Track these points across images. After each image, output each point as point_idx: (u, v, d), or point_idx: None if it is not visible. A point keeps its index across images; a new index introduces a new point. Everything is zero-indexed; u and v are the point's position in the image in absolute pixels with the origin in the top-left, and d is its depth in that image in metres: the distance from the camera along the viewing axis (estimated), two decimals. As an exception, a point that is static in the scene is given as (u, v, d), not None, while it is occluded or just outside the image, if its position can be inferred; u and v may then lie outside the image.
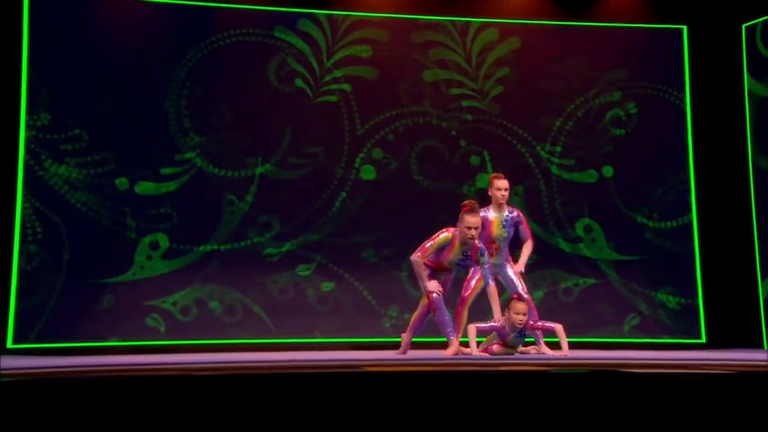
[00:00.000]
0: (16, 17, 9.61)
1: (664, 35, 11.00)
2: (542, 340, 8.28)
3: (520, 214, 8.46)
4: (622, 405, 5.24)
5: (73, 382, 5.69)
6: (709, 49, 10.82)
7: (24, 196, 9.58)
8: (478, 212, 7.86)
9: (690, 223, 10.78)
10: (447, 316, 7.89)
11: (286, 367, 7.40)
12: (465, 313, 8.19)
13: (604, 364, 6.51)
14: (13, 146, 9.58)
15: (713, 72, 10.79)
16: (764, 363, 6.56)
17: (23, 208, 9.56)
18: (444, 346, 7.96)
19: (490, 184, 8.46)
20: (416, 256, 7.94)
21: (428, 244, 7.93)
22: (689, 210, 10.79)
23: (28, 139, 9.64)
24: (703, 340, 10.60)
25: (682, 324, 10.65)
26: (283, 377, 5.82)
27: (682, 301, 10.66)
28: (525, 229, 8.48)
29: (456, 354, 7.83)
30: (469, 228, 7.75)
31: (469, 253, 7.88)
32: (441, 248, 7.88)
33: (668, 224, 10.78)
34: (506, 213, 8.37)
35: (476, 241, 7.84)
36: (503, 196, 8.33)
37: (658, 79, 10.90)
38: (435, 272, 7.99)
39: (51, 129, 9.71)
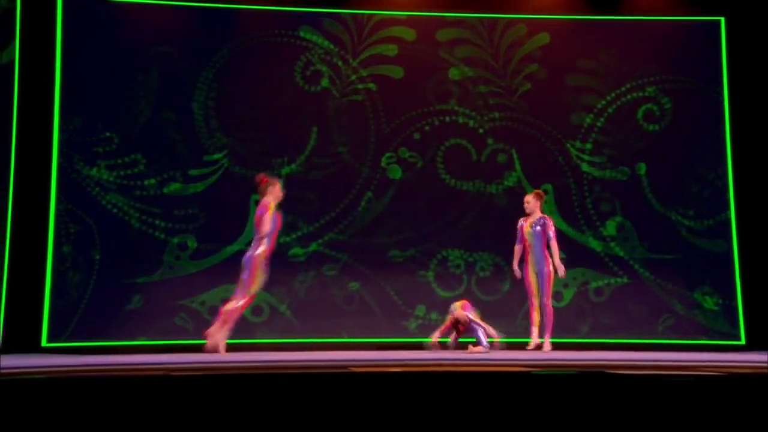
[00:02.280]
0: (50, 25, 9.88)
1: (701, 28, 10.71)
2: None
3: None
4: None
5: (95, 381, 5.85)
6: (748, 42, 10.49)
7: (58, 198, 9.83)
8: None
9: (728, 220, 10.47)
10: None
11: (310, 366, 7.46)
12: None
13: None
14: (47, 149, 9.86)
15: (752, 65, 10.46)
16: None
17: (57, 210, 9.81)
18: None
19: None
20: None
21: None
22: (727, 207, 10.47)
23: (61, 143, 9.89)
24: (743, 341, 10.28)
25: (720, 325, 10.35)
26: (307, 377, 5.88)
27: (720, 301, 10.36)
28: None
29: None
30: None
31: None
32: None
33: (705, 222, 10.48)
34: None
35: None
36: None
37: (694, 73, 10.62)
38: None
39: (83, 132, 9.95)
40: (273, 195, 8.56)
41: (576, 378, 5.41)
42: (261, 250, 8.49)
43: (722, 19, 10.64)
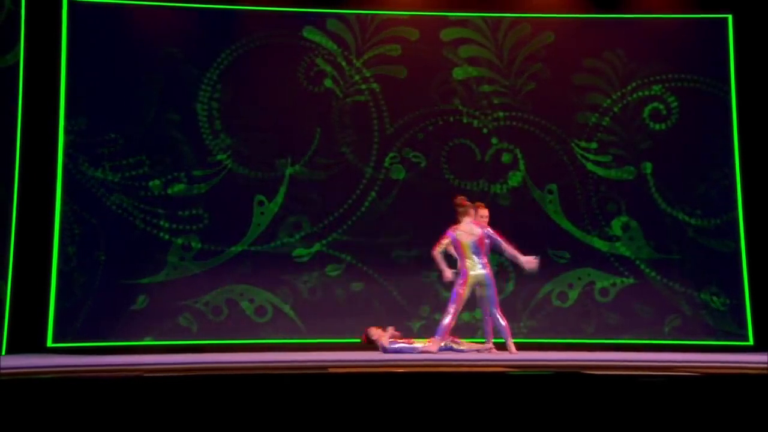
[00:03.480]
0: (55, 27, 9.95)
1: (708, 25, 10.61)
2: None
3: None
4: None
5: (100, 381, 5.89)
6: (756, 39, 10.37)
7: (63, 199, 9.89)
8: None
9: (736, 220, 10.36)
10: None
11: (314, 367, 7.47)
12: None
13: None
14: (52, 151, 9.93)
15: (760, 63, 10.34)
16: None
17: (62, 211, 9.87)
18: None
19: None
20: None
21: None
22: (735, 207, 10.36)
23: (66, 144, 9.95)
24: (751, 342, 10.17)
25: (728, 325, 10.24)
26: (310, 377, 5.89)
27: (728, 301, 10.25)
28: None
29: None
30: None
31: None
32: None
33: (712, 222, 10.38)
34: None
35: None
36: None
37: (700, 71, 10.52)
38: None
39: (88, 133, 10.01)
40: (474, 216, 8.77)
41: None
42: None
43: (729, 17, 10.54)
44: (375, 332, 8.98)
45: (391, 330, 8.95)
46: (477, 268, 8.74)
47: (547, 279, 10.24)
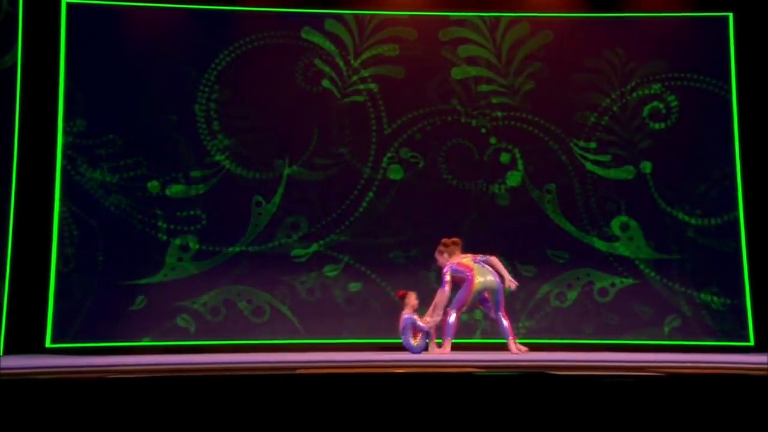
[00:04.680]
0: (53, 29, 9.97)
1: (708, 23, 10.53)
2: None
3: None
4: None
5: (99, 382, 5.92)
6: (758, 38, 10.29)
7: (61, 200, 9.93)
8: None
9: (736, 220, 10.29)
10: None
11: (311, 367, 7.47)
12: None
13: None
14: (51, 152, 9.96)
15: (762, 61, 10.26)
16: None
17: (61, 212, 9.90)
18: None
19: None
20: None
21: None
22: (735, 206, 10.29)
23: (65, 145, 9.98)
24: (752, 342, 10.11)
25: (728, 326, 10.18)
26: (308, 378, 5.91)
27: (728, 302, 10.19)
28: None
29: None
30: None
31: None
32: None
33: (712, 221, 10.32)
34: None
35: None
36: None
37: (701, 69, 10.44)
38: None
39: (86, 135, 10.03)
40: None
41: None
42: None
43: (730, 15, 10.47)
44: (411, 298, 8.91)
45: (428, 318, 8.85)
46: (486, 274, 8.73)
47: (545, 279, 10.21)
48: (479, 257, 8.84)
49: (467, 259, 8.85)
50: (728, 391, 5.53)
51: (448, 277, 8.76)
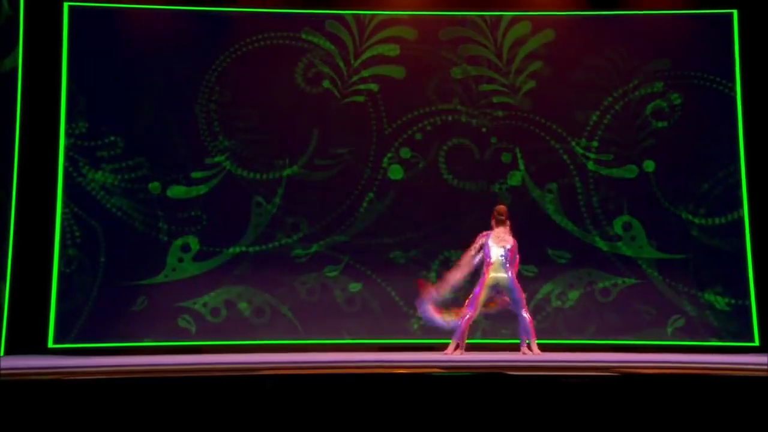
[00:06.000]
0: (54, 32, 10.05)
1: (712, 21, 10.42)
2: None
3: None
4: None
5: (101, 382, 5.97)
6: (762, 35, 10.17)
7: (64, 201, 9.99)
8: None
9: (741, 218, 10.17)
10: None
11: (311, 368, 7.48)
12: None
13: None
14: (53, 154, 10.03)
15: (767, 59, 10.13)
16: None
17: (63, 213, 9.97)
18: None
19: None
20: None
21: None
22: (740, 205, 10.17)
23: (67, 147, 10.04)
24: (757, 343, 9.99)
25: (733, 326, 10.06)
26: (308, 378, 5.92)
27: (733, 301, 10.07)
28: None
29: None
30: None
31: None
32: None
33: (716, 220, 10.20)
34: None
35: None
36: None
37: (705, 67, 10.33)
38: None
39: (88, 136, 10.09)
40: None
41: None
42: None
43: (735, 12, 10.34)
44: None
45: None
46: (500, 271, 8.70)
47: (547, 279, 10.15)
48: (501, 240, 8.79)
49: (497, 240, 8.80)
50: (732, 392, 5.47)
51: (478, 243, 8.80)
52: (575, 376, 5.53)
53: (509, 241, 8.83)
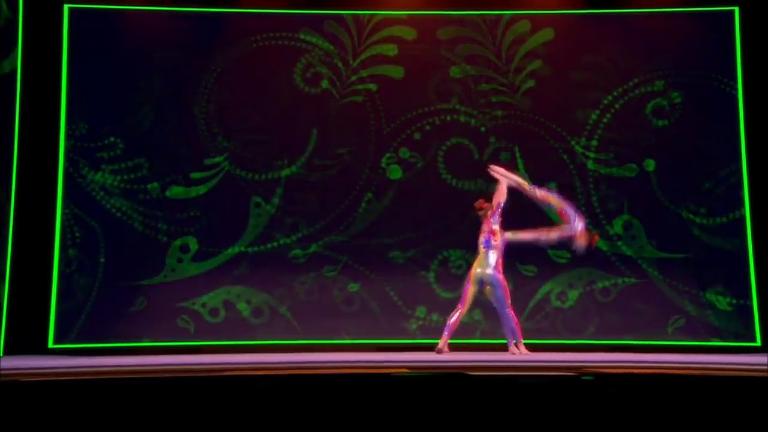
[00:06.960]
0: (54, 33, 10.09)
1: (713, 18, 10.34)
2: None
3: None
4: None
5: (100, 382, 6.00)
6: (764, 32, 10.09)
7: (64, 202, 10.03)
8: None
9: (743, 218, 10.09)
10: None
11: (310, 368, 7.50)
12: None
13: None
14: (53, 155, 10.07)
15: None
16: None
17: (63, 214, 10.01)
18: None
19: None
20: None
21: None
22: (741, 204, 10.10)
23: (67, 148, 10.08)
24: (758, 343, 9.91)
25: (734, 326, 9.99)
26: (308, 378, 5.93)
27: (734, 301, 10.00)
28: None
29: None
30: None
31: None
32: None
33: (718, 220, 10.13)
34: None
35: None
36: None
37: (705, 65, 10.26)
38: None
39: (88, 138, 10.13)
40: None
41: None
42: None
43: (736, 9, 10.26)
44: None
45: None
46: (485, 266, 8.68)
47: (546, 279, 10.11)
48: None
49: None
50: (733, 392, 5.43)
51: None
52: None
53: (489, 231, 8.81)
